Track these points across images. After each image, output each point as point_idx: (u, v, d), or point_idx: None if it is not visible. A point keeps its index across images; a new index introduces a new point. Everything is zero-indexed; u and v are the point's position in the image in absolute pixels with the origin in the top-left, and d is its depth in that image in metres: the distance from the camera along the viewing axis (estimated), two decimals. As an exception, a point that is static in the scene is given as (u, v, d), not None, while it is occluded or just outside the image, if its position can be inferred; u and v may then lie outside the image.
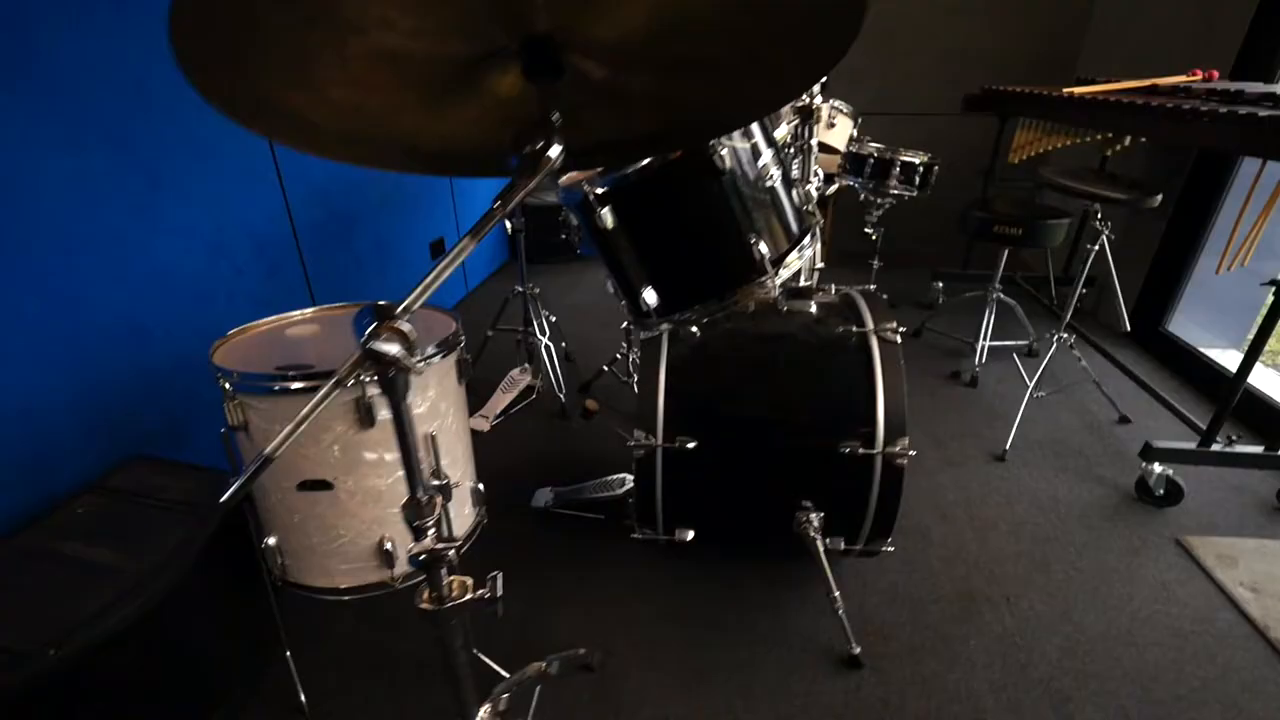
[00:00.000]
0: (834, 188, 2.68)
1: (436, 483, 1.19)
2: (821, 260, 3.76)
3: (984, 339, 2.60)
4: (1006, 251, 2.53)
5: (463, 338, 1.24)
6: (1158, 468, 1.88)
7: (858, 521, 1.39)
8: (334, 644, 1.47)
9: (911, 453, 1.30)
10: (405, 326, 0.58)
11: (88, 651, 0.98)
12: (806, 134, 1.27)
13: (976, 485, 2.01)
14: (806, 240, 1.14)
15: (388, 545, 1.15)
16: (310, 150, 0.71)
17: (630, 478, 1.77)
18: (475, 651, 1.36)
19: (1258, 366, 1.80)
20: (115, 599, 1.03)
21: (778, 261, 1.07)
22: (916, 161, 2.66)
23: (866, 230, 2.93)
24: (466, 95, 0.67)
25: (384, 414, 1.08)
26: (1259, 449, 1.85)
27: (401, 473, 1.20)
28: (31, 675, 0.92)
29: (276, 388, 1.03)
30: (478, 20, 0.57)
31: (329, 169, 2.27)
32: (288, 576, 1.20)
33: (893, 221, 2.97)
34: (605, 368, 2.50)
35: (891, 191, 2.72)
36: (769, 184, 1.05)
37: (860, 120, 2.82)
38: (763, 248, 1.04)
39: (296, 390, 1.03)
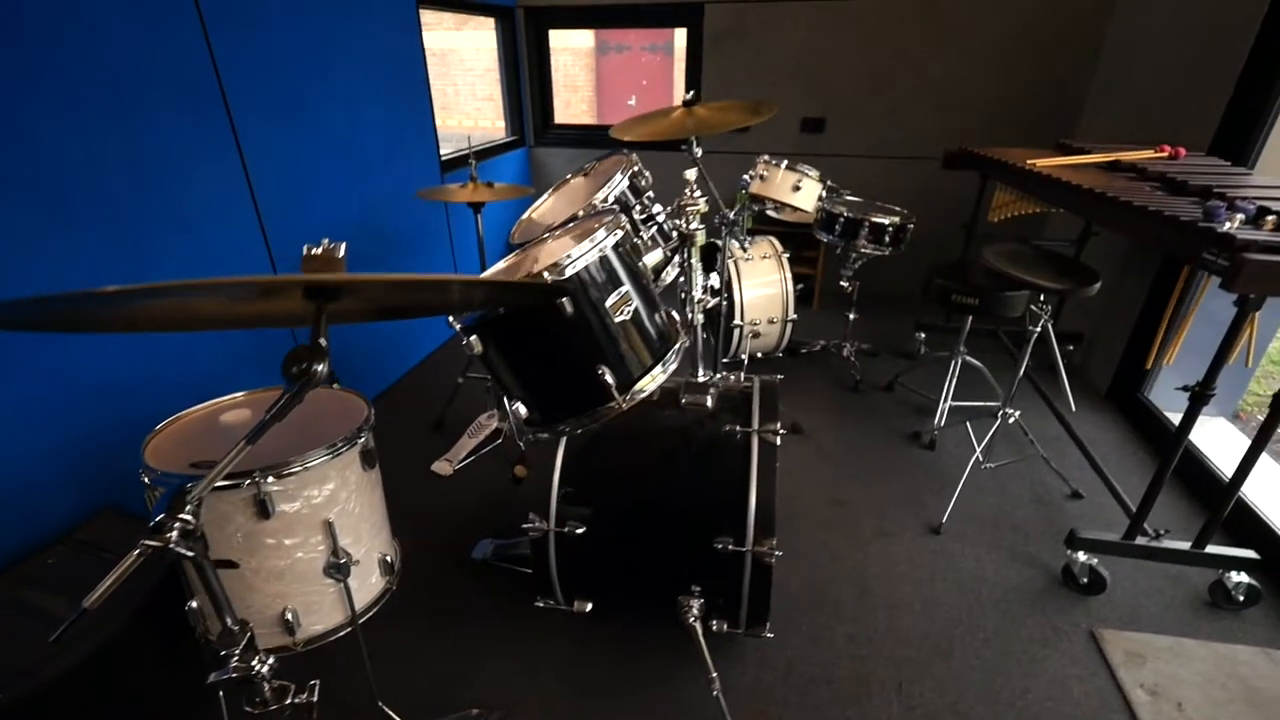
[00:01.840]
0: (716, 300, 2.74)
1: (336, 561, 1.36)
2: (815, 305, 3.82)
3: (945, 401, 2.61)
4: (970, 316, 2.53)
5: (369, 428, 1.39)
6: (1082, 556, 1.89)
7: (736, 609, 1.48)
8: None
9: (778, 553, 1.38)
10: (189, 516, 0.71)
11: (25, 698, 1.17)
12: (686, 256, 1.37)
13: (904, 559, 2.05)
14: (663, 362, 1.23)
15: (288, 615, 1.31)
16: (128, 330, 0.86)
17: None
18: (380, 704, 1.51)
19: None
20: (53, 651, 1.23)
21: (626, 387, 1.18)
22: (885, 223, 2.71)
23: (842, 284, 2.98)
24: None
25: (283, 506, 1.24)
26: (1185, 545, 1.83)
27: (301, 554, 1.36)
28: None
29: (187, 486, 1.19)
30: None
31: (317, 227, 2.47)
32: (209, 635, 1.37)
33: (884, 264, 2.98)
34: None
35: (862, 250, 2.76)
36: (619, 319, 1.16)
37: (828, 182, 2.85)
38: (608, 378, 1.14)
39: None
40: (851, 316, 3.06)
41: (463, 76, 11.01)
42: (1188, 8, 2.64)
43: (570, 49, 10.14)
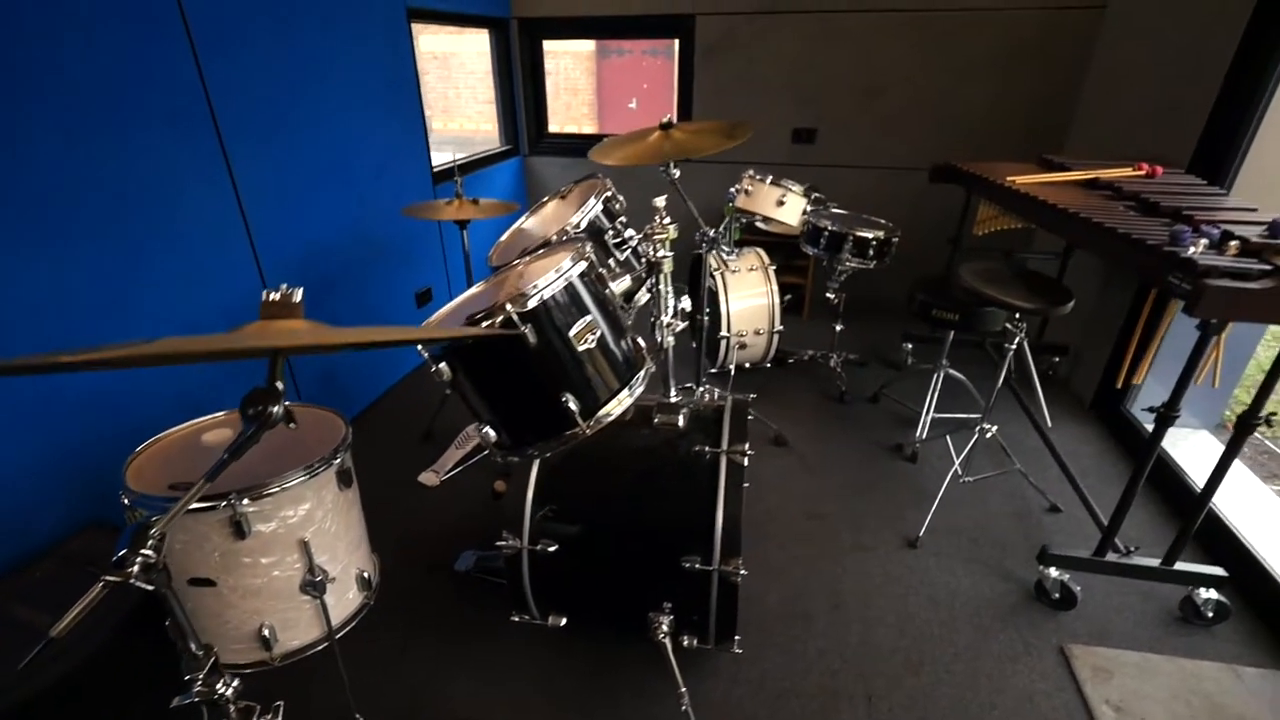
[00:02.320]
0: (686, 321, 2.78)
1: (312, 579, 1.39)
2: (805, 314, 3.84)
3: (927, 414, 2.64)
4: (952, 331, 2.56)
5: (345, 448, 1.42)
6: (1054, 572, 1.92)
7: (704, 625, 1.51)
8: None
9: (743, 572, 1.42)
10: (150, 551, 0.75)
11: (14, 709, 1.21)
12: (656, 282, 1.40)
13: (880, 573, 2.08)
14: (629, 387, 1.27)
15: (265, 631, 1.35)
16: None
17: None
18: (357, 716, 1.55)
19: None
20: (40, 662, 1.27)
21: (590, 413, 1.21)
22: (870, 237, 2.73)
23: (829, 295, 3.00)
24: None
25: (259, 527, 1.27)
26: (1154, 562, 1.86)
27: (277, 572, 1.40)
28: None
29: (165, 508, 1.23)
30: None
31: (308, 243, 2.51)
32: (211, 648, 1.41)
33: (874, 274, 2.99)
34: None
35: (846, 264, 2.79)
36: (583, 347, 1.19)
37: (815, 194, 2.88)
38: (572, 405, 1.18)
39: (183, 507, 1.24)
40: (838, 328, 3.09)
41: (464, 80, 11.05)
42: (1171, 27, 2.66)
43: (571, 52, 10.17)
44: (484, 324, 1.14)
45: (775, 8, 3.57)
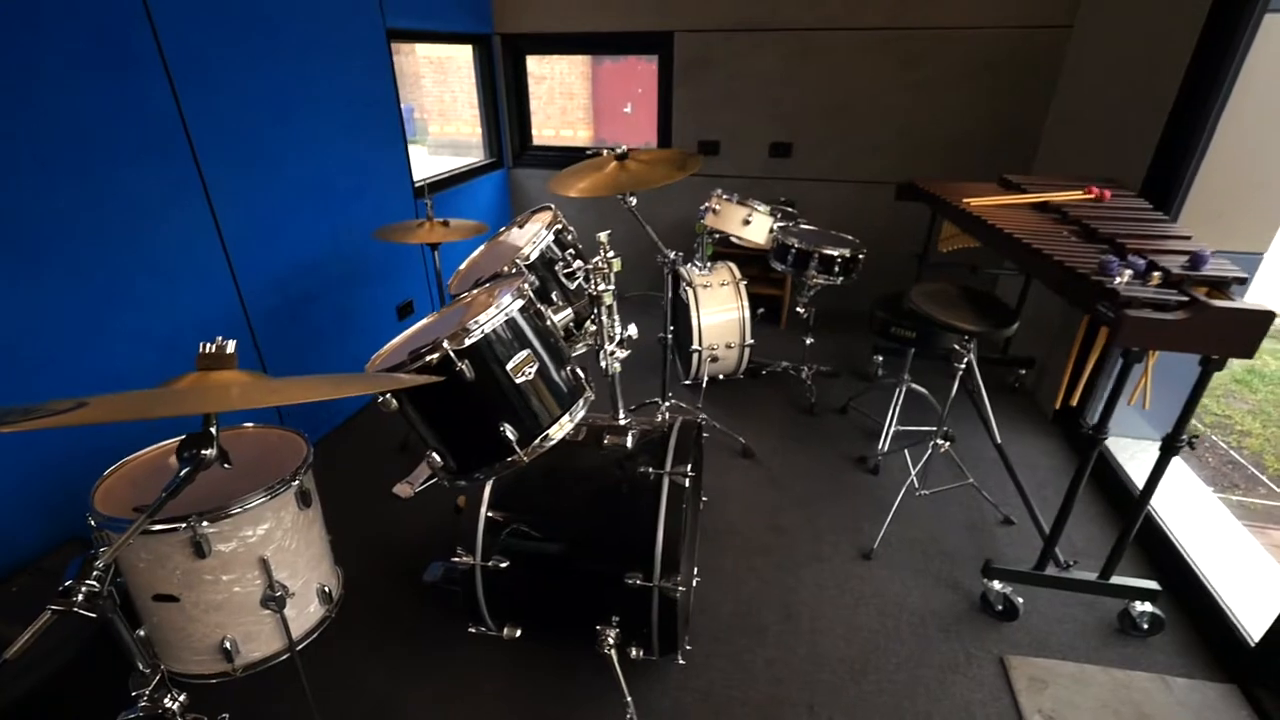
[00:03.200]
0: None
1: (271, 594, 1.47)
2: (783, 324, 3.91)
3: (889, 427, 2.71)
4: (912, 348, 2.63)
5: (306, 470, 1.50)
6: (997, 585, 1.99)
7: (648, 638, 1.59)
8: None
9: (681, 589, 1.49)
10: (94, 582, 0.83)
11: (-15, 721, 1.29)
12: (598, 312, 1.48)
13: (832, 584, 2.15)
14: (569, 413, 1.35)
15: (227, 644, 1.42)
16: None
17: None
18: (320, 724, 1.63)
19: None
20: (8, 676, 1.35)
21: (528, 441, 1.29)
22: (835, 254, 2.80)
23: (798, 310, 3.08)
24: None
25: (219, 546, 1.35)
26: (1091, 576, 1.93)
27: (238, 588, 1.47)
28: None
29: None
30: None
31: (286, 261, 2.59)
32: (158, 662, 1.49)
33: (850, 285, 3.05)
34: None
35: (813, 280, 2.86)
36: (521, 380, 1.27)
37: (788, 209, 2.96)
38: (510, 434, 1.26)
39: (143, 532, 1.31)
40: (808, 341, 3.16)
41: (460, 84, 11.14)
42: (1129, 48, 2.73)
43: (566, 56, 10.24)
44: (428, 357, 1.22)
45: (752, 26, 3.65)
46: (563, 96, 11.05)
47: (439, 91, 11.22)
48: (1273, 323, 1.45)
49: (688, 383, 3.19)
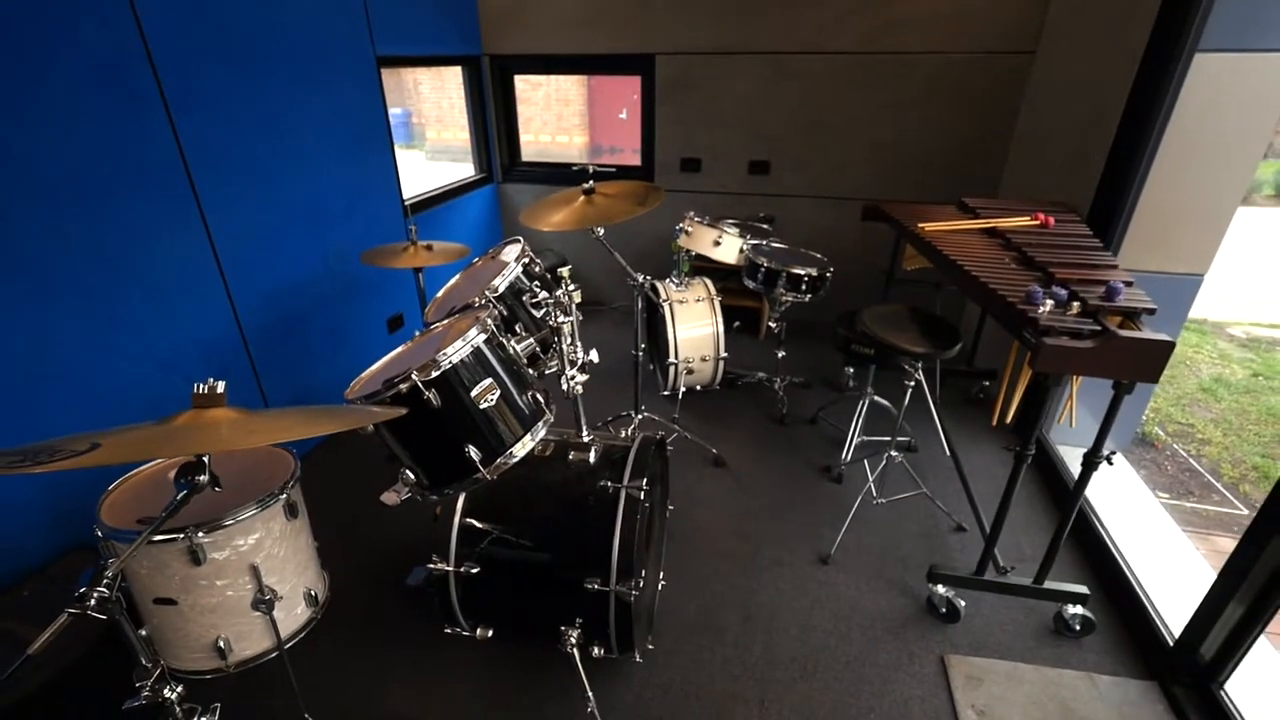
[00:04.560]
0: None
1: (261, 597, 1.61)
2: (761, 335, 4.03)
3: (852, 437, 2.85)
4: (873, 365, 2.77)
5: (293, 483, 1.64)
6: (940, 588, 2.13)
7: (608, 638, 1.73)
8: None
9: (635, 593, 1.63)
10: (104, 589, 0.97)
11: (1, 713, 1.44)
12: (559, 341, 1.62)
13: (790, 588, 2.29)
14: (531, 432, 1.49)
15: (221, 643, 1.57)
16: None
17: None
18: (306, 716, 1.77)
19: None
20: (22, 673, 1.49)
21: (491, 461, 1.43)
22: (803, 273, 2.94)
23: (770, 324, 3.22)
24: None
25: (213, 555, 1.50)
26: (1026, 581, 2.07)
27: (230, 592, 1.62)
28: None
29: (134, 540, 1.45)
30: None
31: (280, 281, 2.74)
32: (158, 658, 1.63)
33: (826, 297, 3.17)
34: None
35: (783, 298, 3.01)
36: (484, 406, 1.41)
37: (749, 236, 3.10)
38: (474, 454, 1.40)
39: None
40: (780, 354, 3.30)
41: (457, 90, 11.31)
42: (1083, 75, 2.88)
43: (560, 66, 10.38)
44: (400, 385, 1.37)
45: (730, 49, 3.79)
46: (559, 103, 11.20)
47: (436, 97, 11.38)
48: (1172, 353, 1.59)
49: (666, 393, 3.33)
